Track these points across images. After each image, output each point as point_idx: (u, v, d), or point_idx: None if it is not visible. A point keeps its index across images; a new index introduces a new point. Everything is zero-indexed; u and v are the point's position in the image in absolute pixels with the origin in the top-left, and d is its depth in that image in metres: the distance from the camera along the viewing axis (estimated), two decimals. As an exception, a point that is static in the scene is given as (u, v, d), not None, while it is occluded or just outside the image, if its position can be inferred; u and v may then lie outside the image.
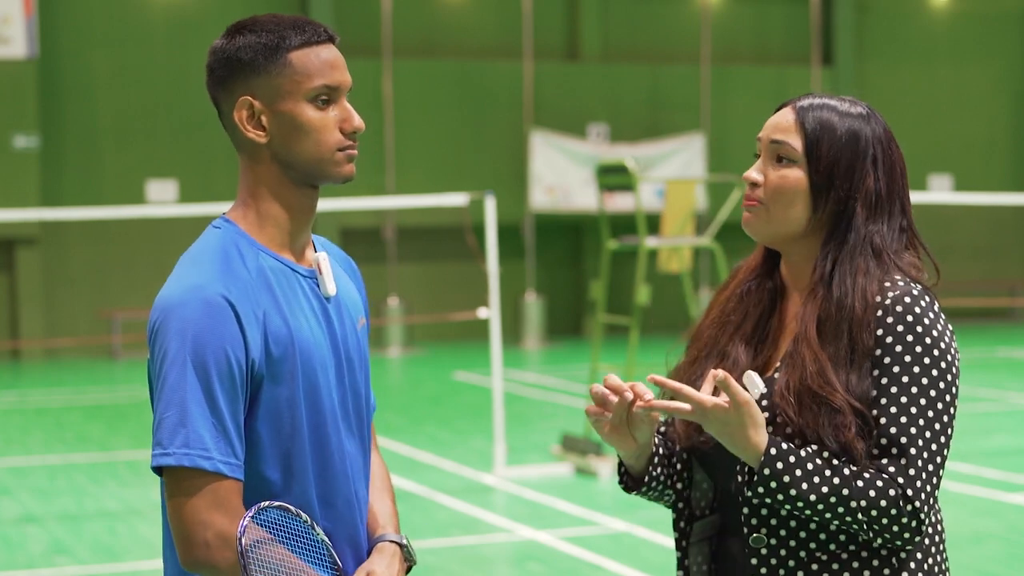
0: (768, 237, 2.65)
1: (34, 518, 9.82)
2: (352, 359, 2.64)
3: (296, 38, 2.53)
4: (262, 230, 2.58)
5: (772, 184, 2.62)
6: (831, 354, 2.54)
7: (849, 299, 2.56)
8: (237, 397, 2.46)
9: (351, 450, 2.63)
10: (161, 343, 2.47)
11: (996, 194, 25.60)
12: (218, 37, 2.61)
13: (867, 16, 25.98)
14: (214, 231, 2.60)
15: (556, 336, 23.88)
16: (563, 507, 9.86)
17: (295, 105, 2.53)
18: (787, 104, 2.68)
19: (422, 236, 23.13)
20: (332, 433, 2.58)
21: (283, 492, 2.53)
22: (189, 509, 2.44)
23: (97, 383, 18.69)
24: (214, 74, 2.59)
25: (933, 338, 2.54)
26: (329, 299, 2.61)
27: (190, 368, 2.43)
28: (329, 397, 2.57)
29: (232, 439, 2.45)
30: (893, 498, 2.46)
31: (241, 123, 2.56)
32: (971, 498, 9.98)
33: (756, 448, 2.47)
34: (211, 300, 2.45)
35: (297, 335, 2.52)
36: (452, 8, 23.85)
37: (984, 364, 18.96)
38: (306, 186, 2.58)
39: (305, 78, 2.53)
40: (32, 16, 20.84)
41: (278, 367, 2.50)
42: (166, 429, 2.45)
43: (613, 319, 12.43)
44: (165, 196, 22.10)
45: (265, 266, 2.54)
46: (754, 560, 2.56)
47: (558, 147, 23.20)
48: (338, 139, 2.55)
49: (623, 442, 2.61)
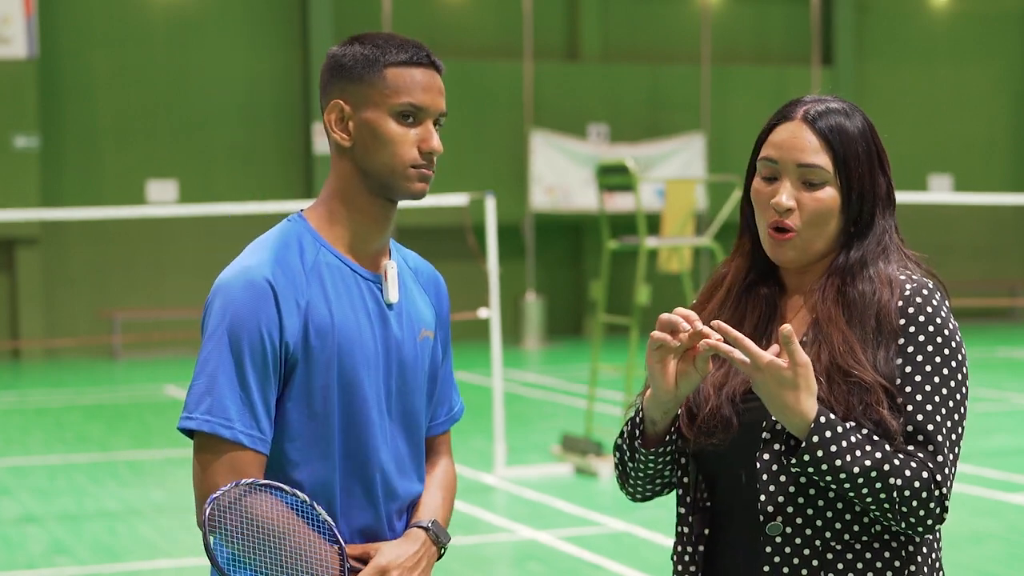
0: (804, 262, 2.63)
1: (34, 518, 9.82)
2: (405, 364, 2.75)
3: (397, 55, 2.68)
4: (331, 228, 2.72)
5: (810, 210, 2.59)
6: (858, 335, 2.54)
7: (875, 284, 2.57)
8: (268, 375, 2.60)
9: (394, 448, 2.74)
10: (207, 318, 2.65)
11: (996, 194, 25.61)
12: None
13: (867, 16, 25.99)
14: (285, 223, 2.75)
15: (556, 336, 23.88)
16: (563, 507, 9.86)
17: (379, 116, 2.67)
18: (791, 117, 2.62)
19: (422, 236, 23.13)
20: (367, 427, 2.69)
21: (301, 471, 2.65)
22: (204, 474, 2.59)
23: (97, 383, 18.69)
24: (322, 76, 2.75)
25: (950, 331, 2.57)
26: (391, 306, 2.73)
27: (225, 342, 2.59)
28: (372, 393, 2.69)
29: (258, 413, 2.59)
30: (926, 480, 2.48)
31: (329, 124, 2.71)
32: (971, 498, 9.98)
33: (806, 414, 2.45)
34: (254, 281, 2.61)
35: (341, 329, 2.65)
36: (452, 8, 23.86)
37: (984, 364, 18.96)
38: (381, 197, 2.71)
39: (393, 93, 2.66)
40: (32, 16, 20.84)
41: (316, 355, 2.63)
42: (194, 395, 2.61)
43: (613, 319, 12.43)
44: (165, 196, 22.10)
45: (323, 261, 2.68)
46: (768, 548, 2.55)
47: (558, 147, 23.21)
48: (413, 156, 2.68)
49: (667, 385, 2.56)
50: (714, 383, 2.64)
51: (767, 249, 2.63)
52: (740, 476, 2.61)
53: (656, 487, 2.74)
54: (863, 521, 2.54)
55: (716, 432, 2.60)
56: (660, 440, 2.65)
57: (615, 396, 14.71)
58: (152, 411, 15.61)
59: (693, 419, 2.64)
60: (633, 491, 2.76)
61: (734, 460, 2.61)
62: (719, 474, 2.66)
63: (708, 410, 2.61)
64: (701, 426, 2.62)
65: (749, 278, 2.71)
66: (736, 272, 2.73)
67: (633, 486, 2.74)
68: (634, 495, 2.77)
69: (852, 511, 2.54)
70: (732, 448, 2.60)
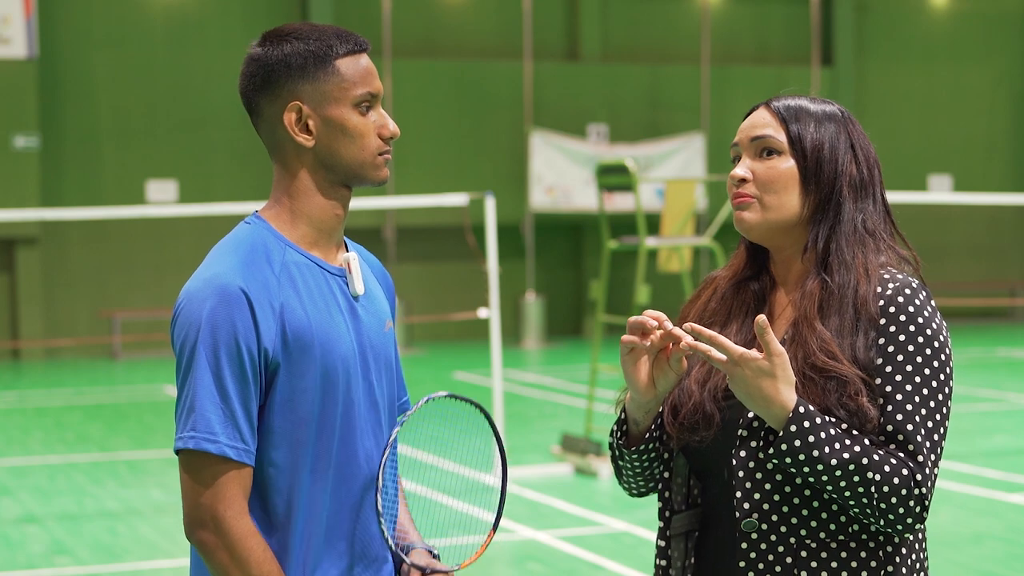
0: (764, 231, 2.66)
1: (34, 518, 9.82)
2: (378, 357, 2.73)
3: (342, 47, 2.66)
4: (294, 228, 2.67)
5: (762, 176, 2.65)
6: (835, 326, 2.56)
7: (852, 273, 2.59)
8: (247, 384, 2.56)
9: (372, 443, 2.72)
10: (177, 330, 2.59)
11: (995, 194, 25.60)
12: (253, 45, 2.70)
13: (867, 16, 25.98)
14: (244, 227, 2.69)
15: (556, 336, 23.88)
16: (563, 507, 9.86)
17: (342, 111, 2.64)
18: (756, 108, 2.73)
19: (422, 236, 23.13)
20: (356, 425, 2.67)
21: (291, 477, 2.61)
22: (191, 489, 2.57)
23: (97, 383, 18.69)
24: (254, 80, 2.67)
25: (933, 330, 2.57)
26: (357, 298, 2.71)
27: (201, 355, 2.54)
28: (356, 388, 2.66)
29: (240, 424, 2.55)
30: (906, 477, 2.48)
31: (290, 127, 2.64)
32: (971, 498, 9.98)
33: (785, 404, 2.47)
34: (225, 289, 2.55)
35: (318, 329, 2.61)
36: (452, 8, 23.86)
37: (984, 364, 18.96)
38: (342, 187, 2.69)
39: (352, 85, 2.65)
40: (32, 16, 20.84)
41: (296, 358, 2.59)
42: (180, 415, 2.58)
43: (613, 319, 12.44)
44: (165, 196, 22.10)
45: (291, 262, 2.63)
46: (744, 544, 2.56)
47: (558, 147, 23.20)
48: (378, 144, 2.68)
49: (645, 386, 2.60)
50: (697, 379, 2.66)
51: (734, 222, 2.69)
52: (723, 473, 2.62)
53: (650, 483, 2.76)
54: (839, 520, 2.54)
55: (699, 428, 2.63)
56: (643, 439, 2.68)
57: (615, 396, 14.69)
58: (152, 411, 15.61)
59: (676, 415, 2.66)
60: (629, 487, 2.79)
61: (717, 457, 2.63)
62: (704, 472, 2.67)
63: (691, 405, 2.64)
64: (683, 422, 2.64)
65: (742, 274, 2.74)
66: (730, 270, 2.77)
67: (627, 482, 2.77)
68: (630, 490, 2.80)
69: (828, 510, 2.54)
70: (714, 445, 2.61)
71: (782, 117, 2.67)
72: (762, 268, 2.73)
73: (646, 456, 2.69)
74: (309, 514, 2.62)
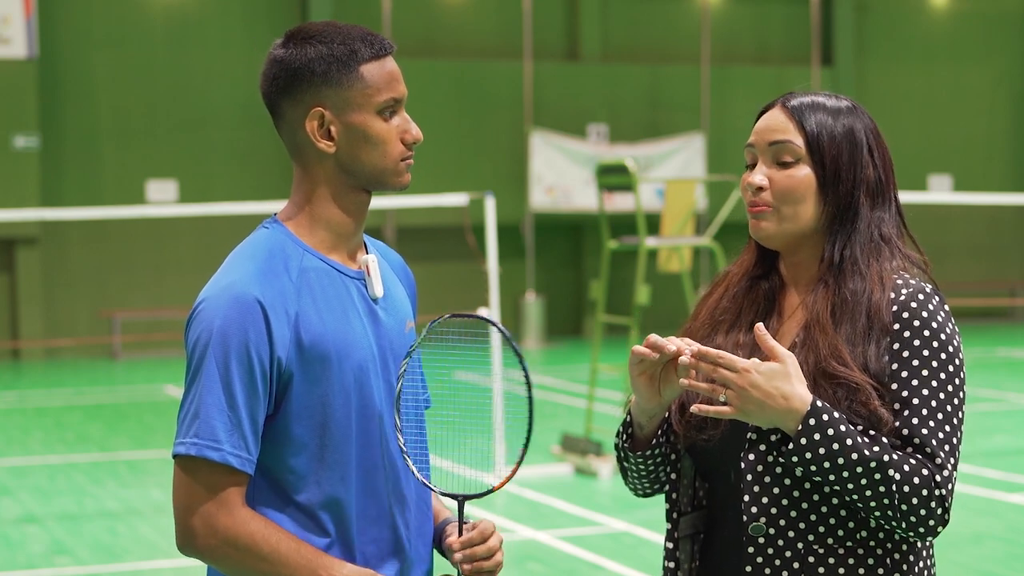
0: (781, 240, 2.63)
1: (34, 518, 9.82)
2: (399, 359, 2.69)
3: (366, 51, 2.61)
4: (313, 233, 2.63)
5: (781, 186, 2.61)
6: (847, 333, 2.54)
7: (866, 282, 2.57)
8: (256, 393, 2.52)
9: (393, 444, 2.68)
10: (191, 334, 2.55)
11: (995, 194, 25.61)
12: (276, 45, 2.64)
13: (867, 16, 25.98)
14: (262, 231, 2.65)
15: (556, 336, 23.88)
16: (563, 507, 9.86)
17: (365, 117, 2.61)
18: (773, 106, 2.66)
19: (422, 236, 23.12)
20: (376, 428, 2.63)
21: (313, 485, 2.57)
22: (188, 496, 2.54)
23: (97, 383, 18.69)
24: (276, 82, 2.62)
25: (947, 335, 2.55)
26: (377, 300, 2.68)
27: (211, 361, 2.50)
28: (376, 393, 2.62)
29: (245, 433, 2.51)
30: (926, 477, 2.45)
31: (312, 133, 2.60)
32: (971, 498, 9.98)
33: (803, 398, 2.44)
34: (239, 297, 2.51)
35: (335, 335, 2.57)
36: (452, 8, 23.86)
37: (984, 364, 18.96)
38: (363, 191, 2.66)
39: (375, 91, 2.61)
40: (32, 16, 20.84)
41: (312, 365, 2.55)
42: (183, 420, 2.54)
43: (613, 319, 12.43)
44: (165, 196, 22.10)
45: (309, 267, 2.60)
46: (751, 548, 2.54)
47: (558, 147, 23.21)
48: (401, 150, 2.66)
49: (650, 394, 2.59)
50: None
51: (750, 229, 2.65)
52: (729, 475, 2.61)
53: (656, 485, 2.76)
54: (847, 526, 2.53)
55: (706, 427, 2.62)
56: (648, 443, 2.68)
57: (615, 396, 14.71)
58: (152, 411, 15.61)
59: (684, 413, 2.66)
60: (634, 488, 2.79)
61: (723, 458, 2.62)
62: (711, 473, 2.66)
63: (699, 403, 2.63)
64: (691, 420, 2.64)
65: (752, 273, 2.73)
66: (741, 267, 2.75)
67: (633, 484, 2.77)
68: (635, 491, 2.80)
69: (836, 515, 2.52)
70: (720, 445, 2.61)
71: (799, 120, 2.61)
72: (772, 266, 2.72)
73: (651, 460, 2.69)
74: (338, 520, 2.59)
